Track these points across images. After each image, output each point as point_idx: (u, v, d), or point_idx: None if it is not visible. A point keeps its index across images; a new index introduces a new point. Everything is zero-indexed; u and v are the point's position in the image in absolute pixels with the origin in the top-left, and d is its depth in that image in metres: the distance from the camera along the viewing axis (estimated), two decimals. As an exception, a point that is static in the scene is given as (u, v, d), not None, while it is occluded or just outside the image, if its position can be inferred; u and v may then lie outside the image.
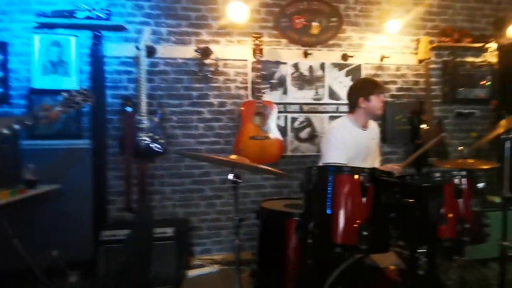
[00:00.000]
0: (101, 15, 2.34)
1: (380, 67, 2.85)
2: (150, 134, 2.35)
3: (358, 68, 2.80)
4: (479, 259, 2.31)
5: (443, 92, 2.94)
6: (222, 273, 2.38)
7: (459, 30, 2.96)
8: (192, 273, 2.34)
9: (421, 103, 2.84)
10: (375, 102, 1.76)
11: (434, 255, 1.22)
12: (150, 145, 2.35)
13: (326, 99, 2.75)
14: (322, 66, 2.74)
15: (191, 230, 2.56)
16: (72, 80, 2.40)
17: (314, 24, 2.69)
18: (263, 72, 2.57)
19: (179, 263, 2.12)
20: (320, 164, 1.86)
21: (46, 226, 2.25)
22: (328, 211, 1.18)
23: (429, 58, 2.75)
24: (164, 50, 2.52)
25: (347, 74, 2.77)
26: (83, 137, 2.42)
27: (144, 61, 2.34)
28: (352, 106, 1.83)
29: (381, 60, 2.82)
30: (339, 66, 2.76)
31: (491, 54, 3.01)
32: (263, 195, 2.66)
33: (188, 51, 2.53)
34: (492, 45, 2.98)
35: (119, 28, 2.43)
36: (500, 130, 1.66)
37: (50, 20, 2.30)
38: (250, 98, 2.60)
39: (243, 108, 2.50)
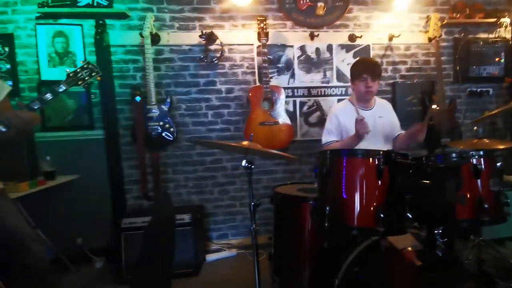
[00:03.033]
0: (101, 1, 2.30)
1: (389, 47, 2.79)
2: (160, 123, 2.38)
3: (366, 48, 2.74)
4: (496, 239, 2.28)
5: (454, 71, 2.87)
6: (240, 257, 2.46)
7: (470, 5, 2.85)
8: (210, 257, 2.43)
9: (432, 83, 2.80)
10: (358, 86, 1.82)
11: (451, 236, 1.23)
12: (161, 133, 2.38)
13: (334, 82, 2.72)
14: (329, 48, 2.69)
15: (207, 216, 2.63)
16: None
17: (320, 4, 2.60)
18: (269, 56, 2.53)
19: (197, 248, 2.20)
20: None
21: (67, 215, 2.33)
22: (344, 195, 1.19)
23: (440, 36, 2.67)
24: (169, 37, 2.48)
25: (355, 55, 2.71)
26: (95, 128, 2.45)
27: (150, 49, 2.31)
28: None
29: (390, 39, 2.75)
30: (347, 47, 2.71)
31: (505, 30, 2.91)
32: (275, 180, 2.68)
33: (193, 37, 2.49)
34: (506, 20, 2.88)
35: (122, 16, 2.39)
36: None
37: (51, 9, 2.27)
38: (258, 83, 2.58)
39: (251, 94, 2.48)
